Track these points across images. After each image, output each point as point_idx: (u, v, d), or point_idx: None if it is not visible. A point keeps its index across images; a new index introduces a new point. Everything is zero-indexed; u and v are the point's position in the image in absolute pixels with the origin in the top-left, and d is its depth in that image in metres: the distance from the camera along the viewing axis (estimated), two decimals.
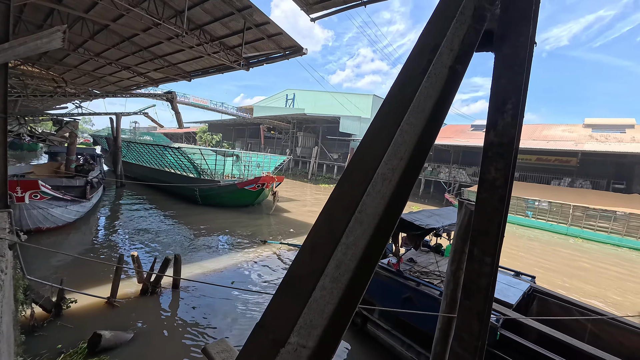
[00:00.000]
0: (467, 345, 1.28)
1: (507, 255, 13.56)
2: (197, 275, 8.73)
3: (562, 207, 20.84)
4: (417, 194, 32.01)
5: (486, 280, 1.19)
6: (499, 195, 1.11)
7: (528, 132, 32.67)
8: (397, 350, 5.91)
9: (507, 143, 1.08)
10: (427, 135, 0.89)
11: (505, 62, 1.10)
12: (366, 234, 0.80)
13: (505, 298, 5.65)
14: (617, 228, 18.86)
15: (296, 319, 0.70)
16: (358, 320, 6.73)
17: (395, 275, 6.29)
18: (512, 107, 1.06)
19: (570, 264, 13.91)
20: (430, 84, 0.90)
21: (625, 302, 10.05)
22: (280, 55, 12.32)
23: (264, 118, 44.64)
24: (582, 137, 28.18)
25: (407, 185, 0.86)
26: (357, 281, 0.78)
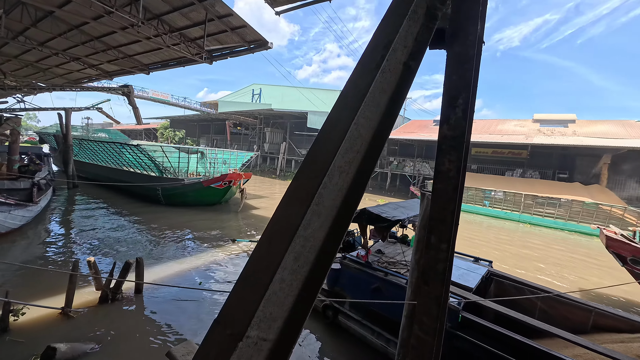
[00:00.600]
0: (427, 328, 1.36)
1: (467, 243, 14.44)
2: (162, 278, 8.37)
3: (515, 196, 22.57)
4: (384, 188, 32.98)
5: (443, 266, 1.27)
6: (452, 185, 1.18)
7: (485, 126, 34.82)
8: (368, 340, 6.10)
9: (459, 136, 1.15)
10: (383, 129, 0.92)
11: (456, 60, 1.16)
12: (324, 226, 0.82)
13: (465, 282, 6.04)
14: (561, 213, 20.79)
15: (254, 312, 0.70)
16: (329, 313, 6.83)
17: (364, 267, 6.46)
18: (463, 102, 1.13)
19: (522, 247, 15.12)
20: (385, 79, 0.93)
21: (568, 279, 11.13)
22: (244, 49, 12.01)
23: (229, 113, 43.39)
24: (532, 132, 30.58)
25: (363, 177, 0.89)
26: (316, 272, 0.80)
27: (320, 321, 6.88)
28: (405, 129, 41.03)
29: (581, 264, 13.22)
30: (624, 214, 19.08)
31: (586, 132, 28.48)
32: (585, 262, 13.50)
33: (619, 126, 29.56)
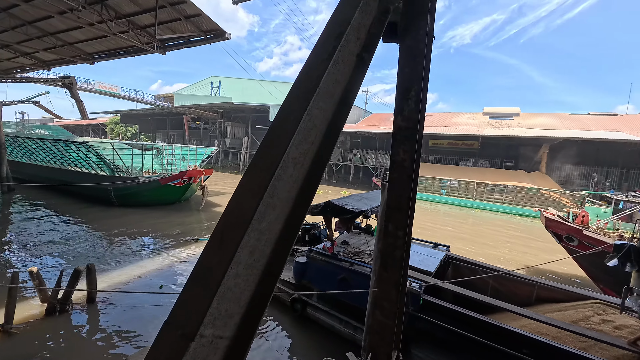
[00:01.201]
0: (387, 313, 1.41)
1: (427, 230, 15.23)
2: (118, 285, 7.84)
3: (468, 184, 24.21)
4: (347, 180, 33.60)
5: (400, 252, 1.32)
6: (407, 174, 1.23)
7: (440, 119, 36.75)
8: (337, 329, 6.24)
9: (412, 127, 1.19)
10: (337, 120, 0.93)
11: (408, 53, 1.20)
12: (280, 218, 0.81)
13: (425, 267, 6.38)
14: (508, 199, 22.69)
15: (207, 310, 0.67)
16: (298, 306, 6.87)
17: (330, 259, 6.56)
18: (415, 94, 1.17)
19: (475, 231, 16.29)
20: (338, 70, 0.93)
21: (515, 258, 12.21)
22: (200, 39, 11.43)
23: (187, 107, 41.30)
24: (482, 124, 32.85)
25: (318, 168, 0.89)
26: (274, 265, 0.79)
27: (288, 315, 6.90)
28: (366, 122, 41.97)
29: (525, 243, 14.55)
30: (560, 197, 21.29)
31: (528, 124, 31.23)
32: (529, 241, 14.88)
33: (556, 118, 32.78)
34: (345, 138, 38.75)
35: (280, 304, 7.22)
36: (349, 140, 38.87)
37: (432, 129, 32.04)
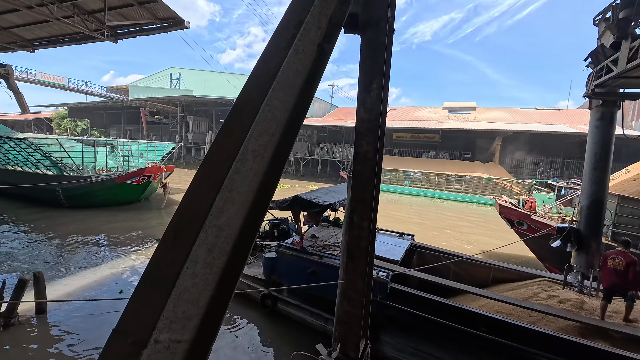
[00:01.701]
0: (355, 303, 1.44)
1: (392, 220, 15.76)
2: (72, 292, 7.26)
3: (430, 176, 25.39)
4: (315, 174, 33.74)
5: (365, 243, 1.34)
6: (370, 165, 1.25)
7: (403, 113, 37.98)
8: (308, 322, 6.28)
9: (374, 119, 1.21)
10: (299, 111, 0.91)
11: (369, 45, 1.20)
12: (240, 213, 0.78)
13: (392, 256, 6.62)
14: (466, 188, 24.13)
15: (160, 314, 0.63)
16: (268, 302, 6.82)
17: (299, 253, 6.57)
18: (376, 86, 1.18)
19: (437, 220, 17.14)
20: (299, 60, 0.91)
21: (473, 243, 13.04)
22: (157, 27, 10.74)
23: (144, 100, 38.80)
24: (442, 118, 34.43)
25: (280, 161, 0.87)
26: (235, 262, 0.76)
27: (259, 311, 6.82)
28: (333, 116, 42.26)
29: (482, 229, 15.59)
30: (512, 186, 23.02)
31: (484, 118, 33.27)
32: (485, 227, 15.96)
33: (508, 113, 35.22)
34: (312, 132, 38.75)
35: (250, 301, 7.12)
36: (315, 135, 38.92)
37: (396, 123, 33.04)
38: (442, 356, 5.01)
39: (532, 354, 4.39)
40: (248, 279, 7.36)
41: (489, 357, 4.70)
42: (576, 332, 4.78)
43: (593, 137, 6.10)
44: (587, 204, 6.19)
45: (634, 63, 4.57)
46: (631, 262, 5.12)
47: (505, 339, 4.56)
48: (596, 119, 6.05)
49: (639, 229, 7.74)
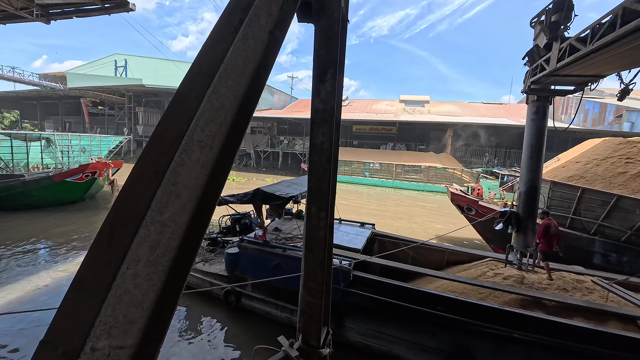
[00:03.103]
0: (314, 292, 1.45)
1: (354, 210, 16.17)
2: (7, 305, 6.50)
3: (388, 166, 26.41)
4: (276, 167, 33.41)
5: (323, 233, 1.35)
6: (326, 156, 1.25)
7: (362, 106, 38.83)
8: (274, 315, 6.27)
9: (329, 110, 1.21)
10: (250, 100, 0.88)
11: (323, 35, 1.20)
12: (188, 208, 0.73)
13: (354, 245, 6.80)
14: (421, 178, 25.50)
15: (94, 320, 0.58)
16: (232, 298, 6.68)
17: (263, 247, 6.50)
18: (331, 77, 1.18)
19: (395, 208, 17.91)
20: (248, 47, 0.87)
21: (428, 229, 13.85)
22: (96, 8, 9.68)
23: (85, 89, 35.29)
24: (399, 110, 35.76)
25: (230, 152, 0.83)
26: (183, 259, 0.72)
27: (222, 308, 6.67)
28: (293, 108, 41.92)
29: (436, 216, 16.60)
30: (462, 174, 24.73)
31: (437, 111, 35.14)
32: (439, 214, 17.00)
33: (458, 106, 37.55)
34: (273, 124, 38.15)
35: (213, 299, 6.93)
36: (276, 127, 38.38)
37: (355, 115, 33.68)
38: (402, 336, 5.31)
39: (482, 326, 4.82)
40: (210, 277, 7.14)
41: (445, 332, 5.07)
42: (518, 304, 5.31)
43: (529, 129, 6.73)
44: (524, 189, 6.84)
45: (562, 62, 5.09)
46: (558, 225, 6.58)
47: (458, 315, 4.94)
48: (532, 112, 6.67)
49: (567, 210, 8.74)
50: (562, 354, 4.49)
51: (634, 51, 3.88)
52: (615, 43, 3.73)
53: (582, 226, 8.44)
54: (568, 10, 5.33)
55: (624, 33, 3.46)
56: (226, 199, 6.93)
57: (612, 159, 8.72)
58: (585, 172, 8.80)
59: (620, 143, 9.24)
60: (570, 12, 5.41)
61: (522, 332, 4.63)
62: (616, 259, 7.75)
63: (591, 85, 5.87)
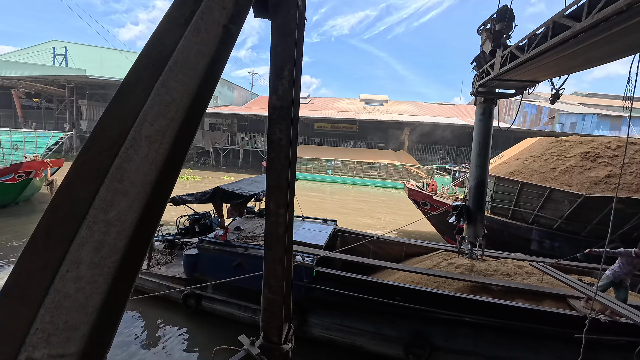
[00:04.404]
0: (275, 289, 1.45)
1: (317, 207, 16.32)
2: None
3: (350, 164, 27.02)
4: (237, 165, 32.59)
5: (283, 229, 1.36)
6: (284, 153, 1.26)
7: (324, 104, 39.21)
8: (236, 316, 6.14)
9: (287, 107, 1.21)
10: (203, 95, 0.85)
11: (280, 31, 1.20)
12: (136, 206, 0.70)
13: (316, 242, 6.87)
14: (381, 175, 26.45)
15: (29, 328, 0.53)
16: (192, 301, 6.43)
17: (224, 247, 6.33)
18: (288, 74, 1.19)
19: (357, 204, 18.38)
20: (201, 41, 0.85)
21: (388, 223, 14.41)
22: None
23: (17, 79, 31.42)
24: (359, 109, 36.64)
25: (182, 147, 0.80)
26: (132, 260, 0.68)
27: (182, 313, 6.39)
28: (254, 104, 41.11)
29: (395, 210, 17.33)
30: (418, 171, 26.04)
31: (395, 110, 36.56)
32: (397, 208, 17.76)
33: (414, 106, 39.38)
34: (232, 121, 37.07)
35: (171, 304, 6.61)
36: (236, 124, 37.35)
37: (317, 113, 33.88)
38: (364, 327, 5.49)
39: (437, 313, 5.15)
40: (167, 280, 6.80)
41: (404, 321, 5.34)
42: (468, 291, 5.74)
43: (477, 128, 7.27)
44: (474, 184, 7.39)
45: (504, 68, 5.57)
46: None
47: (415, 304, 5.23)
48: (480, 113, 7.21)
49: (509, 202, 9.60)
50: (506, 332, 4.96)
51: (563, 60, 4.37)
52: (548, 52, 4.18)
53: (522, 216, 9.34)
54: (509, 20, 5.84)
55: (554, 44, 3.89)
56: (184, 198, 6.63)
57: (545, 156, 9.71)
58: (524, 168, 9.71)
59: (552, 142, 10.33)
60: (511, 22, 5.93)
61: (472, 315, 5.02)
62: (549, 244, 8.68)
63: (529, 89, 6.49)
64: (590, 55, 4.01)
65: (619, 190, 7.75)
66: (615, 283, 5.07)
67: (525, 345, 4.93)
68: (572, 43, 3.74)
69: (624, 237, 6.77)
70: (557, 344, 4.74)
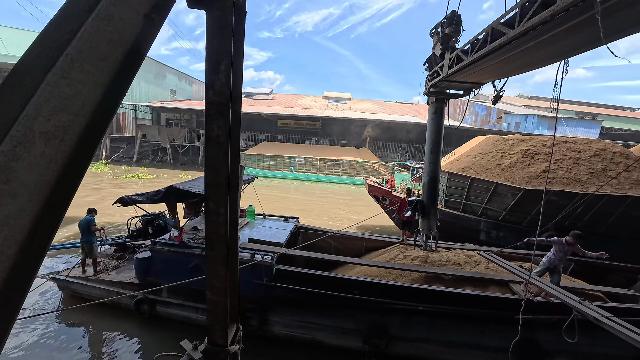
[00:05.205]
0: (217, 291, 1.41)
1: (279, 205, 16.17)
2: None
3: (313, 161, 27.10)
4: (196, 162, 31.29)
5: (224, 229, 1.32)
6: (223, 150, 1.22)
7: (287, 101, 38.95)
8: (194, 319, 5.91)
9: (224, 102, 1.17)
10: (117, 88, 0.79)
11: (216, 23, 1.15)
12: (30, 209, 0.63)
13: (276, 240, 6.81)
14: (344, 171, 26.89)
15: None
16: (145, 307, 6.08)
17: (179, 248, 6.05)
18: (225, 68, 1.15)
19: (320, 201, 18.53)
20: (115, 29, 0.78)
21: (349, 218, 14.70)
22: None
23: None
24: (323, 106, 36.87)
25: (91, 144, 0.73)
26: (24, 268, 0.62)
27: (133, 320, 6.02)
28: None
29: (356, 206, 17.72)
30: (379, 168, 26.85)
31: (357, 108, 37.30)
32: (359, 204, 18.18)
33: (376, 104, 40.45)
34: (191, 117, 35.45)
35: (122, 311, 6.20)
36: (195, 119, 35.76)
37: (280, 110, 33.54)
38: (324, 322, 5.57)
39: (394, 304, 5.36)
40: (116, 286, 6.37)
41: (362, 314, 5.49)
42: (422, 281, 6.04)
43: (430, 127, 7.65)
44: (427, 180, 7.78)
45: (452, 70, 5.92)
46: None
47: (373, 296, 5.40)
48: (432, 112, 7.59)
49: (460, 196, 10.25)
50: (456, 318, 5.31)
51: (501, 64, 4.75)
52: (488, 56, 4.51)
53: (472, 209, 10.02)
54: (457, 25, 6.20)
55: (492, 48, 4.21)
56: (133, 198, 6.22)
57: (492, 153, 10.50)
58: (473, 164, 10.42)
59: (497, 140, 11.19)
60: (459, 27, 6.30)
61: (426, 304, 5.30)
62: (496, 234, 9.43)
63: (475, 90, 6.95)
64: (524, 60, 4.40)
65: (553, 184, 8.64)
66: (550, 268, 5.61)
67: (473, 328, 5.32)
68: (507, 49, 4.08)
69: (558, 226, 7.53)
70: (500, 325, 5.16)
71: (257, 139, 33.93)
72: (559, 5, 2.91)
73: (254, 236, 6.80)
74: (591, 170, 8.84)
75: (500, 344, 5.07)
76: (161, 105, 33.72)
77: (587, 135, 27.66)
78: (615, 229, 8.20)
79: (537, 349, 5.17)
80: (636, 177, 8.50)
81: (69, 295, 6.74)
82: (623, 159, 8.94)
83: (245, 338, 5.14)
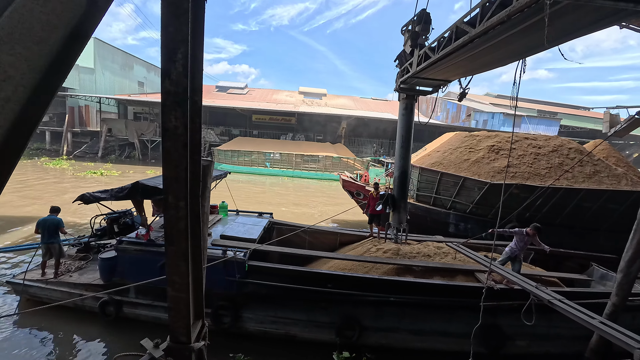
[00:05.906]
0: (179, 286, 1.38)
1: (254, 200, 15.97)
2: None
3: (288, 156, 26.95)
4: None
5: (184, 223, 1.29)
6: (182, 142, 1.19)
7: (262, 96, 38.38)
8: (164, 320, 5.71)
9: (182, 92, 1.14)
10: (56, 73, 0.74)
11: (171, 10, 1.11)
12: None
13: (250, 235, 6.73)
14: (319, 167, 26.96)
15: None
16: (111, 309, 5.82)
17: (147, 246, 5.82)
18: (182, 57, 1.11)
19: (295, 196, 18.50)
20: (51, 11, 0.73)
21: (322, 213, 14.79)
22: None
23: None
24: (298, 102, 36.66)
25: (24, 131, 0.68)
26: None
27: (98, 323, 5.74)
28: None
29: (332, 201, 17.86)
30: (354, 163, 27.17)
31: (333, 104, 37.43)
32: (334, 199, 18.33)
33: (351, 101, 40.80)
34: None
35: (86, 314, 5.90)
36: None
37: (255, 105, 32.97)
38: (297, 317, 5.60)
39: (366, 296, 5.49)
40: (79, 288, 6.04)
41: (335, 307, 5.57)
42: (394, 273, 6.22)
43: (400, 123, 7.84)
44: (397, 174, 7.98)
45: (420, 67, 6.09)
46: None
47: (346, 289, 5.49)
48: (402, 108, 7.78)
49: (431, 190, 10.62)
50: (425, 307, 5.52)
51: (465, 62, 4.95)
52: (453, 54, 4.69)
53: (442, 203, 10.42)
54: (426, 23, 6.37)
55: (456, 46, 4.38)
56: (96, 195, 5.90)
57: (460, 149, 10.94)
58: (443, 160, 10.81)
59: (466, 136, 11.67)
60: (428, 25, 6.47)
61: (397, 295, 5.47)
62: (464, 227, 9.86)
63: (443, 88, 7.20)
64: (486, 58, 4.61)
65: (516, 178, 9.16)
66: (512, 257, 5.97)
67: (441, 317, 5.56)
68: (470, 47, 4.27)
69: (520, 218, 8.01)
70: (466, 312, 5.42)
71: (231, 134, 33.15)
72: (514, 7, 3.08)
73: (226, 232, 6.68)
74: (549, 165, 9.46)
75: (466, 330, 5.32)
76: (128, 98, 32.08)
77: (548, 133, 29.52)
78: (571, 220, 8.83)
79: (499, 333, 5.50)
80: (588, 171, 9.19)
81: (27, 300, 6.31)
82: (578, 155, 9.63)
83: (219, 335, 5.04)
